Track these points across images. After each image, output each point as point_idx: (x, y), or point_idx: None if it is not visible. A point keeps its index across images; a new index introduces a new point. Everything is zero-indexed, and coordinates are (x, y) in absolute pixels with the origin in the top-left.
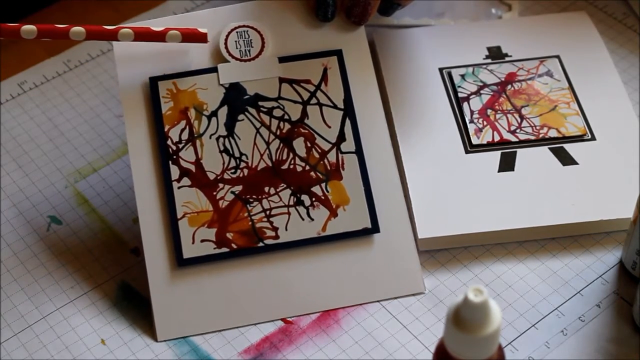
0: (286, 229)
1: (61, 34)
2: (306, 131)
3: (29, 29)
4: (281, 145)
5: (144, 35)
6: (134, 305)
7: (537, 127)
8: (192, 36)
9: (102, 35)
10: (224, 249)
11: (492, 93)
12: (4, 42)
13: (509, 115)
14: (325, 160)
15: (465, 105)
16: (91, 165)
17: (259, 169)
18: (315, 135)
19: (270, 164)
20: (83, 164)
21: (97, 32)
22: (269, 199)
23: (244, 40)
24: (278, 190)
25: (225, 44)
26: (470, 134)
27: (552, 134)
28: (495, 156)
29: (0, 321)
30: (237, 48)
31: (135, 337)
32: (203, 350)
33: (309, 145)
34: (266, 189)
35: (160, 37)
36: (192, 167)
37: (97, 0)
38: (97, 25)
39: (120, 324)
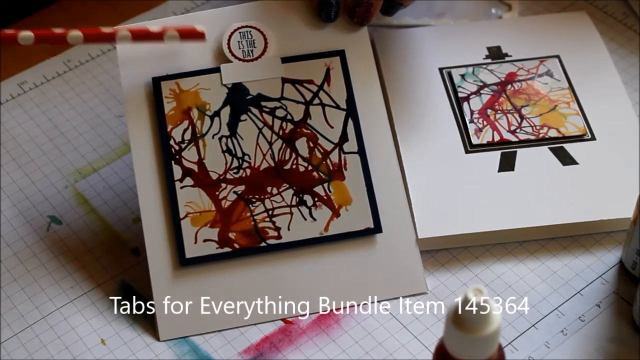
0: (289, 229)
1: (59, 39)
2: (309, 131)
3: (26, 35)
4: (284, 145)
5: (141, 36)
6: (134, 305)
7: (537, 127)
8: (190, 34)
9: (99, 38)
10: (227, 249)
11: (492, 93)
12: None
13: (509, 115)
14: (328, 161)
15: (465, 105)
16: (91, 165)
17: (261, 169)
18: (318, 136)
19: (272, 164)
20: (83, 164)
21: (94, 35)
22: (272, 199)
23: (246, 41)
24: (280, 190)
25: (228, 44)
26: (470, 133)
27: (552, 133)
28: (495, 156)
29: (0, 321)
30: (239, 48)
31: (135, 337)
32: (203, 350)
33: (311, 145)
34: (269, 189)
35: (158, 37)
36: (195, 167)
37: (97, 1)
38: (94, 28)
39: (120, 324)
